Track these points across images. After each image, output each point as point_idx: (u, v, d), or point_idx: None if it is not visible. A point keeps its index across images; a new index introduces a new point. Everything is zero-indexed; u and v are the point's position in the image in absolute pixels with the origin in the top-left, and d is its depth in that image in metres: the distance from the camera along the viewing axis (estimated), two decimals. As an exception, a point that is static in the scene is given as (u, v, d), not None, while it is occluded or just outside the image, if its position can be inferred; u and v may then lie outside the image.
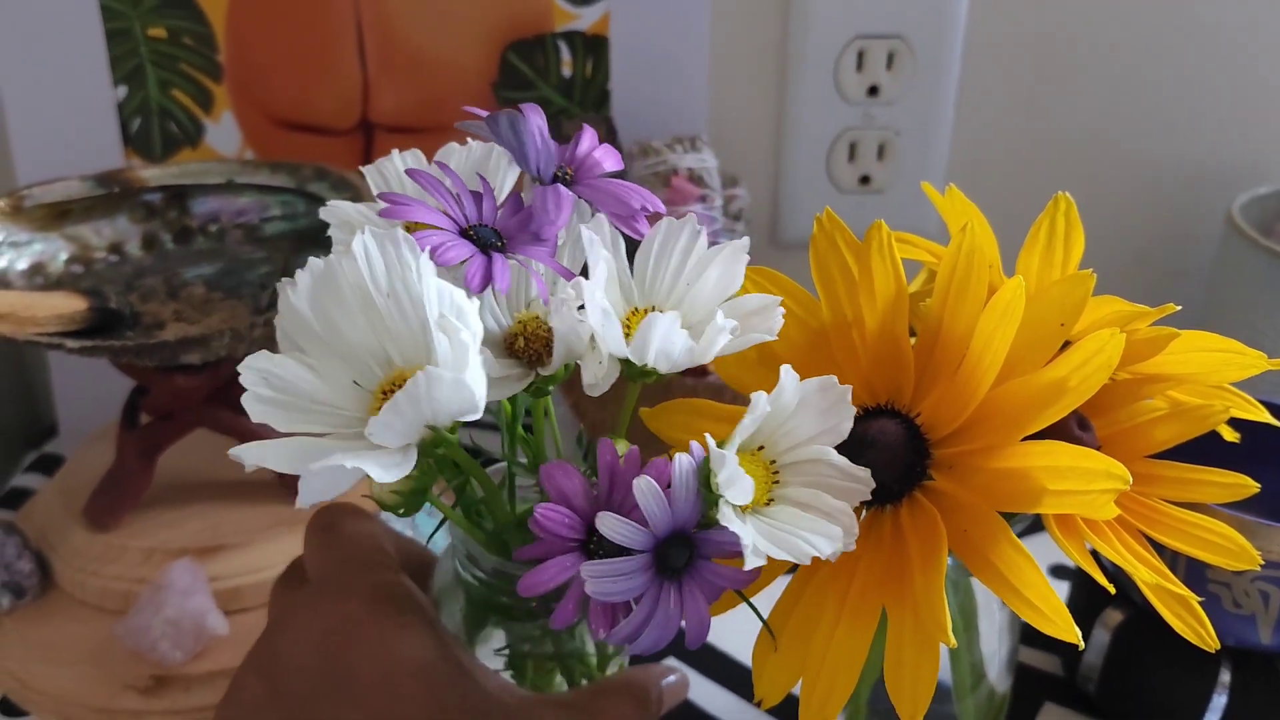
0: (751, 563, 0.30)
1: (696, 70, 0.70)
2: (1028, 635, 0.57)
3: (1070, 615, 0.33)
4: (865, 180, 0.73)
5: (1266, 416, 0.42)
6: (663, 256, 0.36)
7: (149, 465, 0.55)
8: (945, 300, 0.37)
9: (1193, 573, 0.46)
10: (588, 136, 0.37)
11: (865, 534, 0.38)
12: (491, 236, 0.34)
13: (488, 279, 0.32)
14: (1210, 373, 0.40)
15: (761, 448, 0.34)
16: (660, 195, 0.63)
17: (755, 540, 0.30)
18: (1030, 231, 0.41)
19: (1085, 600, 0.52)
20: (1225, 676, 0.48)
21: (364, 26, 0.67)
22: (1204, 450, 0.42)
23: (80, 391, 0.70)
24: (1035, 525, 0.38)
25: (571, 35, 0.68)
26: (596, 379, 0.33)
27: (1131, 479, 0.39)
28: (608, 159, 0.36)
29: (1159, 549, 0.46)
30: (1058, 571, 0.61)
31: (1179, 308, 0.37)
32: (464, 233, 0.34)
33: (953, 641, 0.33)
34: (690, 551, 0.31)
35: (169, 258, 0.59)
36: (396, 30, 0.67)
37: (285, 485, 0.56)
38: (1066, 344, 0.40)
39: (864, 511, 0.38)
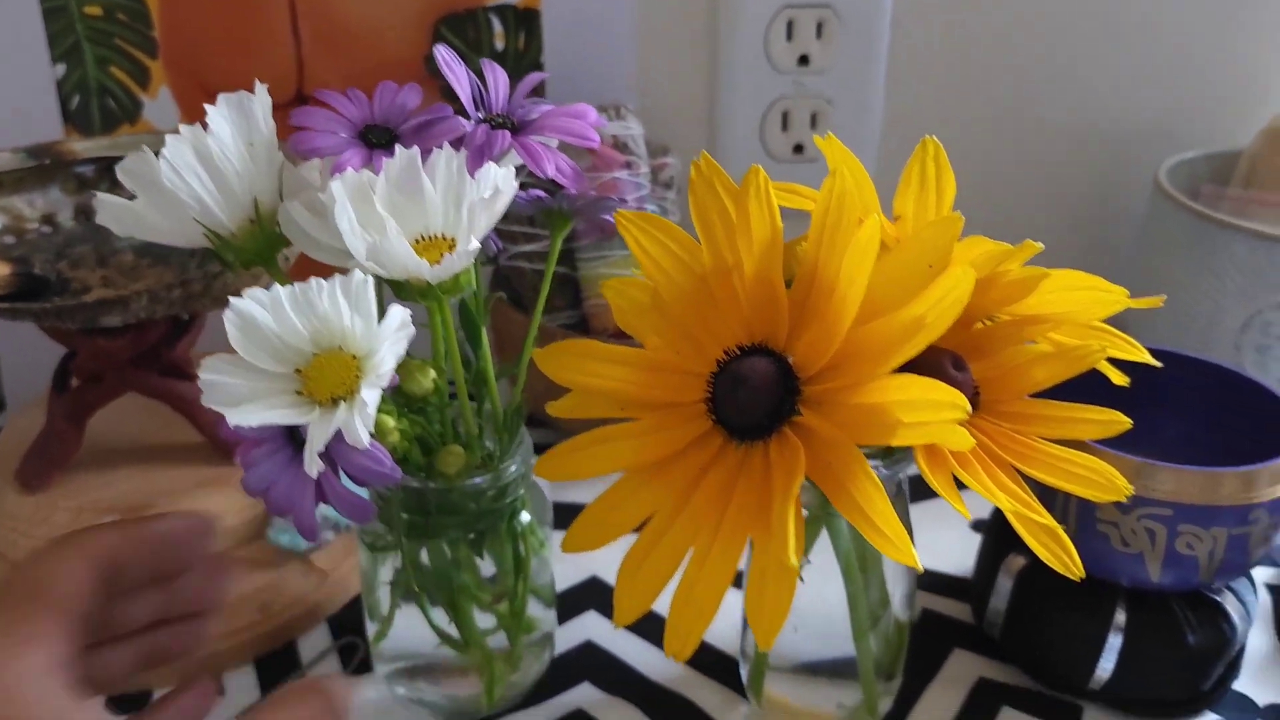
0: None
1: (628, 43, 0.71)
2: (938, 585, 0.59)
3: (909, 539, 0.34)
4: (799, 149, 0.74)
5: (1145, 357, 0.44)
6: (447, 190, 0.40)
7: (78, 428, 0.56)
8: (819, 244, 0.38)
9: (1083, 513, 0.47)
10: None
11: (739, 467, 0.39)
12: (381, 136, 0.43)
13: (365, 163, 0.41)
14: (1080, 311, 0.41)
15: (355, 356, 0.37)
16: (584, 163, 0.64)
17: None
18: (902, 177, 0.42)
19: (993, 549, 0.53)
20: (1120, 617, 0.49)
21: (297, 0, 0.68)
22: (1103, 396, 0.43)
23: (28, 365, 0.71)
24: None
25: (503, 9, 0.69)
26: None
27: (972, 410, 0.40)
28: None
29: (1052, 492, 0.47)
30: (977, 526, 0.62)
31: (1042, 246, 0.38)
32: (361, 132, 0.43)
33: (794, 561, 0.34)
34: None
35: (100, 228, 0.60)
36: (329, 4, 0.68)
37: (215, 448, 0.58)
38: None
39: (737, 444, 0.39)
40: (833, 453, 0.37)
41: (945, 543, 0.61)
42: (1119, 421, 0.41)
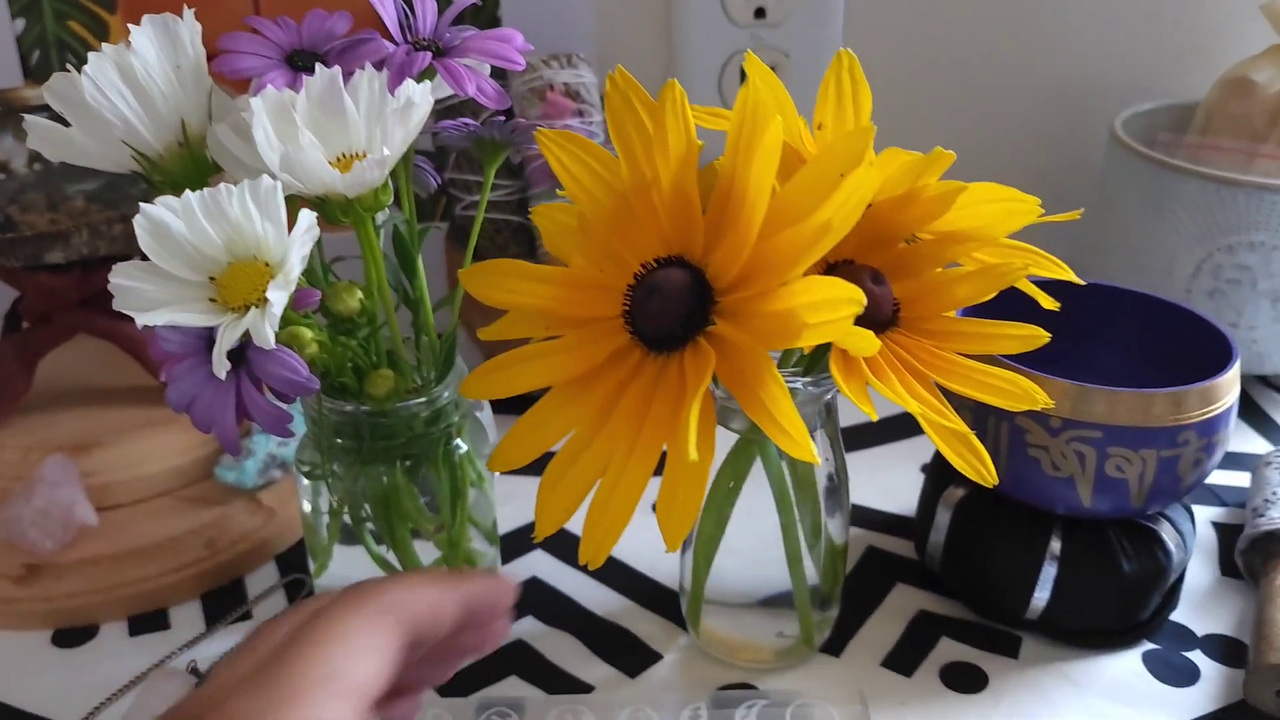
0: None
1: (585, -5, 0.71)
2: (886, 524, 0.59)
3: (808, 434, 0.34)
4: (758, 103, 0.75)
5: (1069, 275, 0.44)
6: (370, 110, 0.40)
7: (28, 370, 0.57)
8: (735, 155, 0.39)
9: (1013, 439, 0.47)
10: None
11: (656, 379, 0.39)
12: (307, 59, 0.42)
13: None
14: (996, 223, 0.41)
15: (268, 264, 0.37)
16: (536, 110, 0.65)
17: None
18: (819, 91, 0.42)
19: (933, 483, 0.53)
20: (1055, 545, 0.49)
21: (254, -45, 0.68)
22: (1054, 331, 0.43)
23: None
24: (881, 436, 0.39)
25: (460, -38, 0.70)
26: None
27: (893, 325, 0.41)
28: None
29: (983, 418, 0.48)
30: (924, 468, 0.62)
31: (954, 155, 0.39)
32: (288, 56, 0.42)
33: (694, 455, 0.34)
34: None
35: (54, 174, 0.61)
36: (287, -42, 0.69)
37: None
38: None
39: (654, 356, 0.39)
40: (744, 359, 0.37)
41: (896, 484, 0.61)
42: (1037, 336, 0.41)
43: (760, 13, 0.72)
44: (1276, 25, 0.69)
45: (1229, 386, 0.47)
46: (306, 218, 0.36)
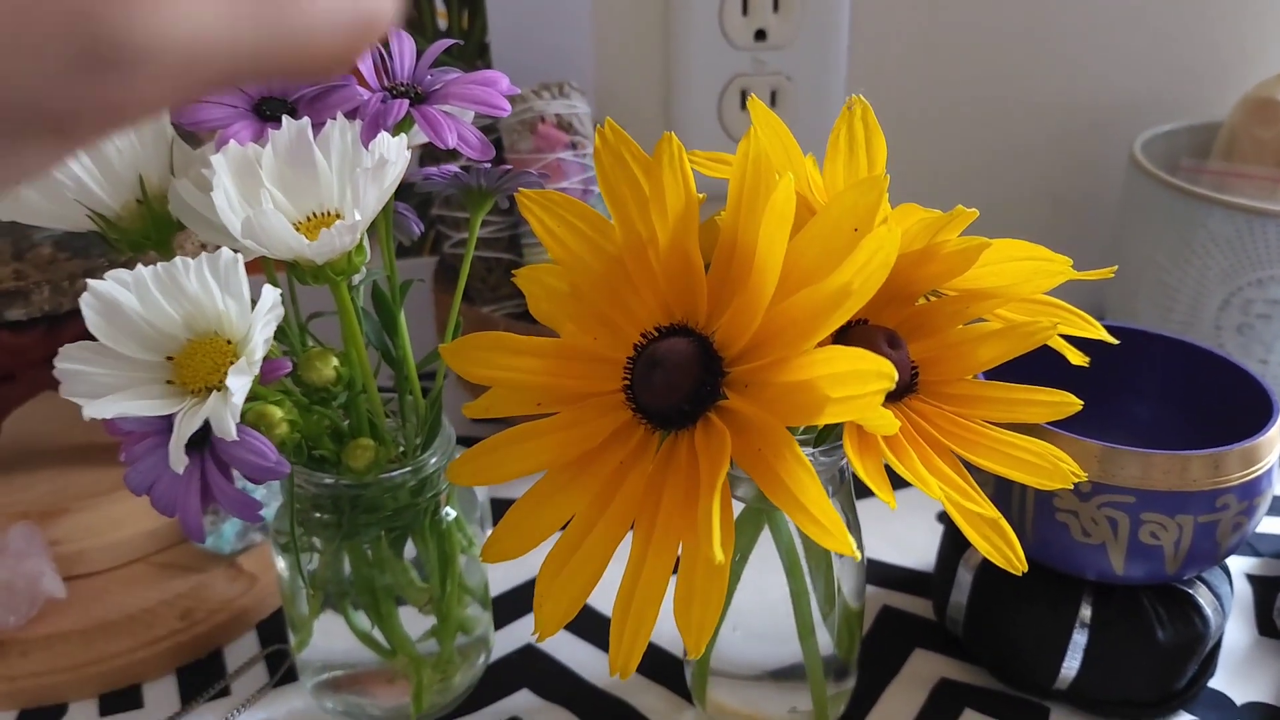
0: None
1: (578, 19, 0.68)
2: (902, 581, 0.56)
3: (845, 527, 0.31)
4: (760, 129, 0.72)
5: (1101, 333, 0.41)
6: (342, 166, 0.37)
7: (-8, 429, 0.54)
8: (737, 211, 0.36)
9: (1040, 503, 0.44)
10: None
11: (666, 461, 0.36)
12: (276, 108, 0.38)
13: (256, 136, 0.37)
14: (1022, 282, 0.38)
15: (230, 341, 0.34)
16: (527, 144, 0.61)
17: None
18: (830, 141, 0.39)
19: (953, 541, 0.50)
20: (1085, 612, 0.46)
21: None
22: (1069, 378, 0.40)
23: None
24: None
25: (447, -13, 0.67)
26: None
27: (910, 390, 0.38)
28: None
29: (1010, 480, 0.45)
30: (941, 517, 0.59)
31: (977, 212, 0.36)
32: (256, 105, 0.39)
33: (720, 557, 0.31)
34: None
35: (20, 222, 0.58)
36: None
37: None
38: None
39: (662, 436, 0.36)
40: (762, 437, 0.34)
41: (911, 536, 0.58)
42: (1069, 403, 0.38)
43: (760, 35, 0.69)
44: (1302, 43, 0.66)
45: (1271, 445, 0.44)
46: (270, 296, 0.33)
